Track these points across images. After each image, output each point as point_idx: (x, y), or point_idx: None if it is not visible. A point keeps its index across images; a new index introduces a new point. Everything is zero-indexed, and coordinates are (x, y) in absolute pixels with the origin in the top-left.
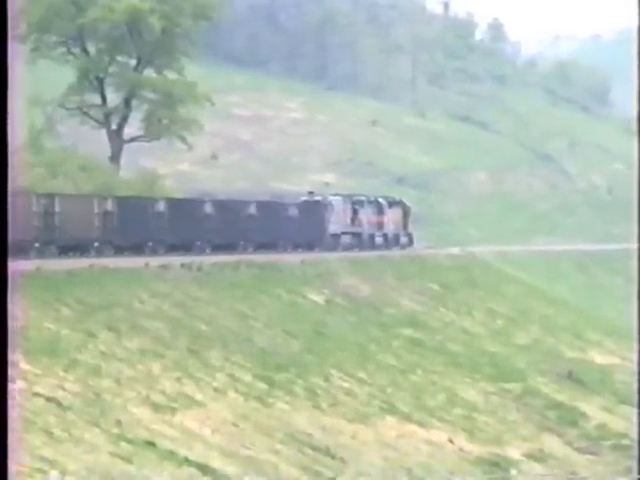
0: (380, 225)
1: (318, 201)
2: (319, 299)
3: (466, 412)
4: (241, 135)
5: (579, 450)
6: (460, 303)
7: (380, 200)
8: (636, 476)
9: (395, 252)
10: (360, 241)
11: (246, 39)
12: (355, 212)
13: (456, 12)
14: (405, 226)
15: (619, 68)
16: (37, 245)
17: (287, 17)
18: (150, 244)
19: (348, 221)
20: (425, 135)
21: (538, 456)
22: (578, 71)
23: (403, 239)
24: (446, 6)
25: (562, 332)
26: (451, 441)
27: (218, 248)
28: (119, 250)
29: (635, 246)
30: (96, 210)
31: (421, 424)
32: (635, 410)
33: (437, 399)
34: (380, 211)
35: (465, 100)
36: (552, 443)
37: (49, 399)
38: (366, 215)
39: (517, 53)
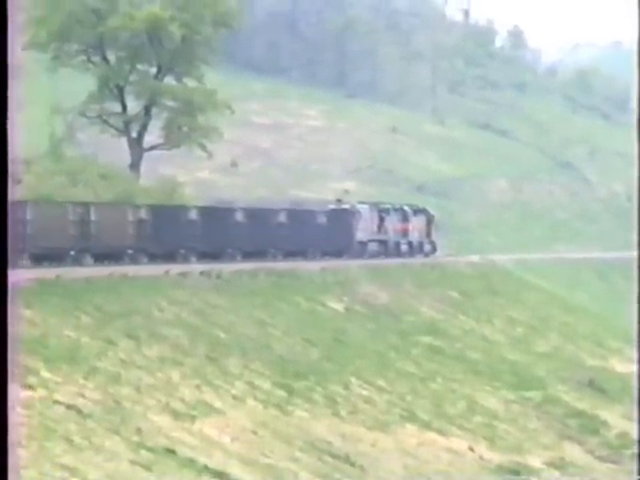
0: (405, 233)
1: (346, 209)
2: (338, 307)
3: (486, 420)
4: (261, 143)
5: (600, 459)
6: (480, 311)
7: (405, 208)
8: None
9: (415, 260)
10: (386, 249)
11: (266, 47)
12: (381, 220)
13: (476, 19)
14: (429, 234)
15: None
16: (73, 253)
17: (307, 25)
18: (182, 251)
19: (375, 229)
20: (445, 143)
21: (559, 464)
22: (598, 78)
23: (427, 247)
24: (466, 14)
25: (582, 340)
26: (471, 449)
27: (248, 256)
28: (152, 258)
29: None
30: (130, 218)
31: (441, 432)
32: None
33: (457, 407)
34: (405, 219)
35: (485, 108)
36: (573, 451)
37: (69, 407)
38: (392, 223)
39: (537, 60)
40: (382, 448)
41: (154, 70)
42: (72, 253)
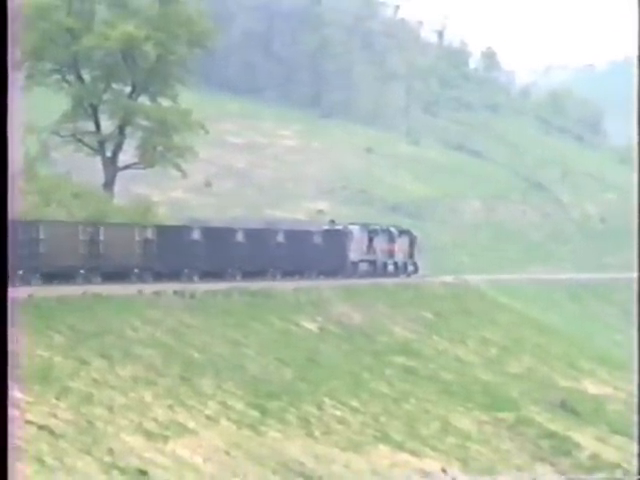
0: (391, 253)
1: (340, 230)
2: (312, 327)
3: (459, 441)
4: (235, 163)
5: None
6: (453, 331)
7: (391, 229)
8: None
9: (388, 280)
10: (375, 268)
11: (241, 67)
12: (370, 240)
13: (450, 41)
14: (411, 255)
15: (612, 98)
16: (83, 272)
17: (282, 45)
18: (186, 271)
19: (365, 249)
20: (419, 163)
21: None
22: (571, 101)
23: (410, 267)
24: (440, 35)
25: (555, 361)
26: (444, 470)
27: (248, 275)
28: (158, 277)
29: (629, 275)
30: (137, 238)
31: (414, 453)
32: (629, 440)
33: (430, 428)
34: (391, 240)
35: (459, 128)
36: (545, 473)
37: (41, 427)
38: (380, 243)
39: (511, 82)
40: (355, 469)
41: (128, 89)
42: (82, 272)
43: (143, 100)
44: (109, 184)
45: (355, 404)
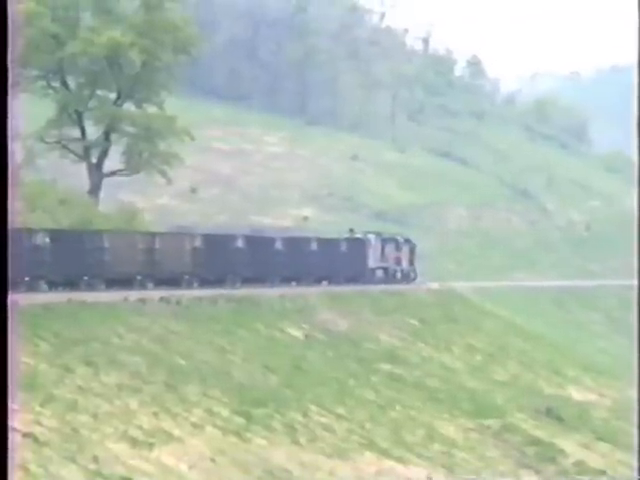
0: (398, 260)
1: (361, 238)
2: (298, 334)
3: (445, 448)
4: (221, 169)
5: None
6: (439, 338)
7: (398, 238)
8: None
9: (373, 287)
10: (387, 275)
11: (226, 74)
12: (383, 249)
13: (436, 49)
14: (412, 262)
15: (598, 106)
16: (139, 278)
17: (268, 52)
18: (230, 277)
19: (379, 257)
20: (405, 170)
21: None
22: (556, 108)
23: (412, 274)
24: (426, 42)
25: (540, 368)
26: (430, 477)
27: (285, 280)
28: (203, 283)
29: (614, 282)
30: (187, 246)
31: (400, 460)
32: (614, 447)
33: (416, 435)
34: (398, 248)
35: (444, 136)
36: (530, 479)
37: (26, 434)
38: (390, 251)
39: (496, 90)
40: (341, 476)
41: (114, 96)
42: (139, 278)
43: (128, 106)
44: (94, 191)
45: (341, 411)
